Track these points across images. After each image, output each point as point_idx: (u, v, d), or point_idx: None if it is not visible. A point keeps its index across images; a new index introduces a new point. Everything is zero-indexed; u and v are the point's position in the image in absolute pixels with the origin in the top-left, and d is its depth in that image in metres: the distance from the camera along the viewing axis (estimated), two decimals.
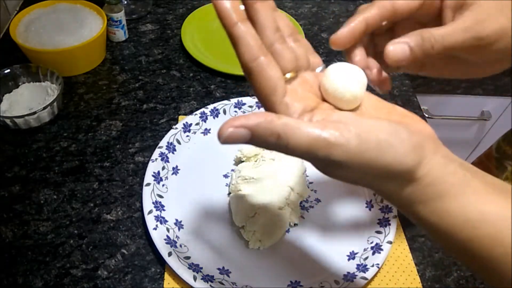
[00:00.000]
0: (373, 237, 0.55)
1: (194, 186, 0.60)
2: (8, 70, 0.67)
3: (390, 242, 0.54)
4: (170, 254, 0.50)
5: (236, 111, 0.67)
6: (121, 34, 0.81)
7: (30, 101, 0.67)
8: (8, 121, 0.62)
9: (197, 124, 0.65)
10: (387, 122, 0.28)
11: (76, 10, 0.76)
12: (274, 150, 0.28)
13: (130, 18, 0.86)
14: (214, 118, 0.66)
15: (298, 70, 0.31)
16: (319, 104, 0.31)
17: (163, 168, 0.60)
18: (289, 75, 0.30)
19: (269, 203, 0.54)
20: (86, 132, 0.66)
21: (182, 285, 0.51)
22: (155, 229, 0.53)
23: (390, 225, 0.56)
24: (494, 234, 0.28)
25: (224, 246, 0.54)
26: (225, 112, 0.67)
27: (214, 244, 0.54)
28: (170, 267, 0.50)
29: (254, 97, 0.67)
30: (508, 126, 1.16)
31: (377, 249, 0.54)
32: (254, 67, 0.28)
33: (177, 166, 0.61)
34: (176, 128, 0.64)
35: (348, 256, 0.54)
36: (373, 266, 0.52)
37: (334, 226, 0.57)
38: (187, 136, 0.64)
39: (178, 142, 0.63)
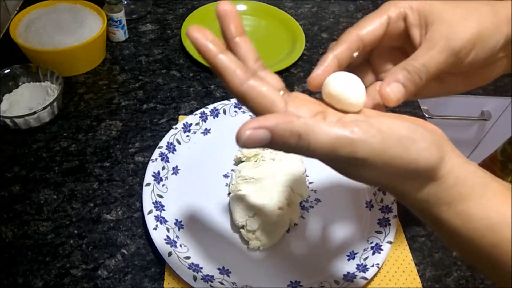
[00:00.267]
0: (373, 237, 0.55)
1: (194, 186, 0.60)
2: (8, 70, 0.67)
3: (390, 242, 0.54)
4: (170, 254, 0.50)
5: (236, 111, 0.67)
6: (121, 34, 0.81)
7: (30, 101, 0.67)
8: (8, 121, 0.62)
9: (197, 124, 0.65)
10: (405, 120, 0.28)
11: (76, 10, 0.76)
12: (295, 152, 0.27)
13: (130, 18, 0.86)
14: (214, 118, 0.66)
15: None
16: (326, 108, 0.30)
17: (163, 168, 0.60)
18: (281, 93, 0.30)
19: (269, 203, 0.54)
20: (86, 132, 0.66)
21: (182, 285, 0.51)
22: (155, 229, 0.53)
23: (390, 225, 0.56)
24: None
25: (224, 246, 0.54)
26: (225, 112, 0.67)
27: (214, 244, 0.54)
28: (170, 267, 0.50)
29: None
30: (508, 126, 1.17)
31: (377, 249, 0.54)
32: (245, 89, 0.27)
33: (177, 166, 0.61)
34: (176, 128, 0.64)
35: (348, 256, 0.54)
36: (373, 266, 0.52)
37: (334, 226, 0.57)
38: (187, 136, 0.64)
39: (178, 142, 0.63)
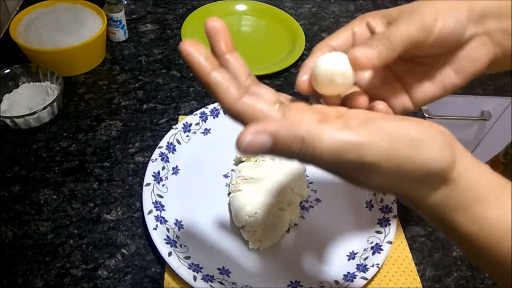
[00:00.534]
0: (373, 237, 0.55)
1: (194, 186, 0.60)
2: (8, 70, 0.67)
3: (390, 242, 0.54)
4: (170, 254, 0.50)
5: None
6: (121, 34, 0.81)
7: (30, 101, 0.67)
8: (8, 121, 0.62)
9: (197, 124, 0.65)
10: (414, 121, 0.27)
11: (76, 10, 0.76)
12: (298, 158, 0.25)
13: (130, 18, 0.86)
14: (214, 118, 0.66)
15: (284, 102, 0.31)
16: (326, 116, 0.29)
17: (163, 168, 0.60)
18: (277, 107, 0.28)
19: (269, 203, 0.54)
20: (86, 132, 0.66)
21: (182, 285, 0.51)
22: (155, 229, 0.53)
23: (390, 225, 0.56)
24: None
25: (224, 246, 0.54)
26: (225, 112, 0.66)
27: (214, 244, 0.54)
28: (170, 267, 0.50)
29: None
30: (508, 126, 1.17)
31: (377, 249, 0.54)
32: (239, 106, 0.27)
33: (177, 166, 0.61)
34: (176, 128, 0.64)
35: (348, 256, 0.54)
36: (373, 266, 0.52)
37: (334, 226, 0.57)
38: (187, 136, 0.64)
39: (178, 142, 0.63)
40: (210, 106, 0.66)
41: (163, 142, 0.62)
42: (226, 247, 0.54)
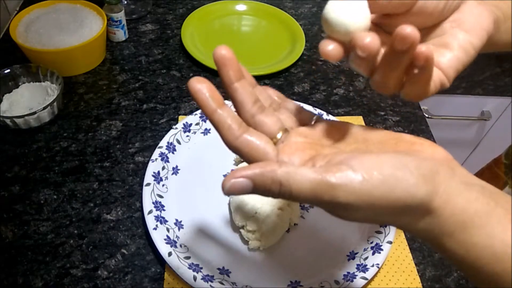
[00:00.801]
0: (373, 237, 0.55)
1: (194, 186, 0.60)
2: (8, 70, 0.67)
3: (390, 242, 0.54)
4: (170, 254, 0.50)
5: (236, 111, 0.67)
6: (121, 34, 0.81)
7: (30, 101, 0.67)
8: (8, 121, 0.62)
9: (197, 124, 0.65)
10: (392, 155, 0.27)
11: (76, 10, 0.76)
12: (280, 198, 0.27)
13: (130, 18, 0.86)
14: None
15: (288, 129, 0.32)
16: (319, 151, 0.30)
17: (163, 168, 0.60)
18: (279, 135, 0.31)
19: (269, 203, 0.54)
20: (86, 132, 0.66)
21: (182, 285, 0.51)
22: (155, 229, 0.53)
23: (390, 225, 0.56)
24: None
25: (224, 246, 0.54)
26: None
27: (214, 244, 0.54)
28: (170, 267, 0.50)
29: None
30: (508, 126, 1.17)
31: (377, 249, 0.54)
32: (238, 144, 0.29)
33: (177, 166, 0.61)
34: (176, 128, 0.64)
35: (348, 256, 0.54)
36: (373, 266, 0.52)
37: (334, 226, 0.57)
38: (187, 136, 0.64)
39: (178, 142, 0.63)
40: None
41: (163, 142, 0.62)
42: (226, 247, 0.54)
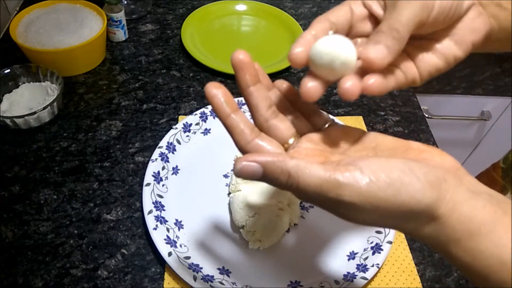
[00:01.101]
0: (373, 237, 0.55)
1: (194, 186, 0.60)
2: (8, 70, 0.67)
3: (390, 242, 0.54)
4: (170, 254, 0.51)
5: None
6: (121, 34, 0.81)
7: (30, 101, 0.67)
8: (8, 121, 0.62)
9: (197, 124, 0.65)
10: (401, 160, 0.27)
11: (76, 10, 0.76)
12: (286, 189, 0.28)
13: (130, 18, 0.86)
14: (214, 118, 0.66)
15: (301, 134, 0.33)
16: (328, 158, 0.31)
17: (163, 168, 0.60)
18: (291, 141, 0.32)
19: (269, 203, 0.54)
20: (86, 132, 0.66)
21: (182, 285, 0.51)
22: (155, 229, 0.53)
23: None
24: None
25: (224, 246, 0.54)
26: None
27: (214, 244, 0.54)
28: (170, 267, 0.50)
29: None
30: (508, 126, 1.17)
31: (377, 249, 0.54)
32: (250, 148, 0.30)
33: (177, 166, 0.61)
34: (176, 128, 0.64)
35: (348, 256, 0.54)
36: (373, 266, 0.52)
37: (334, 226, 0.57)
38: (187, 136, 0.64)
39: (178, 142, 0.63)
40: (210, 106, 0.66)
41: (163, 142, 0.62)
42: (226, 247, 0.54)
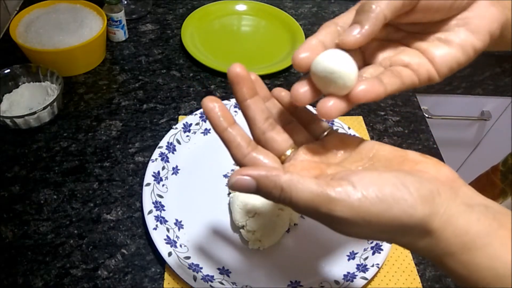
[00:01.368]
0: None
1: (194, 186, 0.60)
2: (8, 70, 0.67)
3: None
4: (170, 254, 0.51)
5: (236, 111, 0.67)
6: (121, 34, 0.81)
7: (30, 101, 0.67)
8: (8, 121, 0.62)
9: (197, 124, 0.65)
10: (394, 173, 0.27)
11: (76, 10, 0.76)
12: (280, 203, 0.28)
13: (130, 18, 0.86)
14: None
15: (299, 143, 0.33)
16: (324, 170, 0.31)
17: (163, 168, 0.60)
18: (289, 152, 0.32)
19: (269, 203, 0.54)
20: (86, 132, 0.66)
21: (182, 285, 0.51)
22: (155, 229, 0.53)
23: None
24: None
25: (224, 246, 0.54)
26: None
27: (214, 244, 0.54)
28: (170, 267, 0.50)
29: None
30: (508, 126, 1.17)
31: (377, 249, 0.54)
32: (246, 162, 0.30)
33: (177, 166, 0.61)
34: (176, 128, 0.64)
35: (348, 256, 0.54)
36: (373, 266, 0.52)
37: None
38: (187, 136, 0.64)
39: (178, 142, 0.63)
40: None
41: (163, 142, 0.62)
42: (226, 247, 0.54)
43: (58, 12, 0.76)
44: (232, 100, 0.67)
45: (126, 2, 0.86)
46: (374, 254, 0.53)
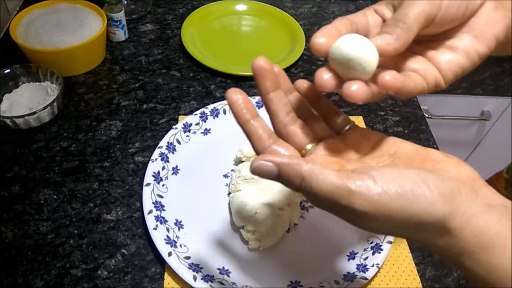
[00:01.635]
0: (373, 237, 0.55)
1: (194, 186, 0.60)
2: (8, 70, 0.67)
3: (390, 242, 0.54)
4: (170, 254, 0.51)
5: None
6: (121, 34, 0.81)
7: (30, 101, 0.67)
8: (8, 121, 0.62)
9: (197, 124, 0.65)
10: (415, 171, 0.27)
11: (76, 10, 0.76)
12: (300, 191, 0.28)
13: (130, 18, 0.86)
14: (214, 118, 0.66)
15: (320, 138, 0.33)
16: (344, 166, 0.31)
17: (163, 168, 0.60)
18: (309, 146, 0.32)
19: (269, 203, 0.54)
20: (86, 132, 0.66)
21: (182, 285, 0.51)
22: (155, 229, 0.53)
23: None
24: None
25: (224, 246, 0.54)
26: (225, 112, 0.67)
27: (214, 244, 0.54)
28: (170, 267, 0.50)
29: (254, 97, 0.67)
30: (508, 126, 1.17)
31: (377, 249, 0.54)
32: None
33: (177, 166, 0.61)
34: (176, 128, 0.64)
35: (348, 256, 0.54)
36: (373, 266, 0.52)
37: (334, 226, 0.57)
38: (187, 136, 0.64)
39: (178, 142, 0.63)
40: (210, 106, 0.66)
41: (163, 142, 0.62)
42: (226, 247, 0.54)
43: (58, 12, 0.76)
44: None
45: (126, 2, 0.86)
46: (374, 254, 0.53)
